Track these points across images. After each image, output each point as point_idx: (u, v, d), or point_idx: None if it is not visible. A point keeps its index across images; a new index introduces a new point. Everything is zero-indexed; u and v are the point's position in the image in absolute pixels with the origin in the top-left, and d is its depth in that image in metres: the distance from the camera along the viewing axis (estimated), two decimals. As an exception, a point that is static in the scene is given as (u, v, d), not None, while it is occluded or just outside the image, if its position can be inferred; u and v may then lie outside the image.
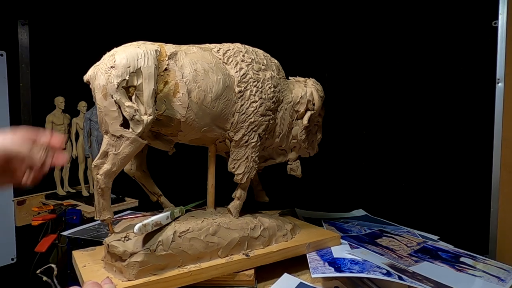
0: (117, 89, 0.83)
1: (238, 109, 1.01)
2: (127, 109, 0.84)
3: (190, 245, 0.91)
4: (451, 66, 1.44)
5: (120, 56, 0.85)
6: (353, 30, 1.67)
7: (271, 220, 1.09)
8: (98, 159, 0.86)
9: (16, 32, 1.97)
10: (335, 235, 1.15)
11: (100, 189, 0.86)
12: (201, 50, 0.99)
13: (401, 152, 1.58)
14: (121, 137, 0.85)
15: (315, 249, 1.09)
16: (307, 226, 1.23)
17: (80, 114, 1.95)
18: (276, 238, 1.07)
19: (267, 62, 1.08)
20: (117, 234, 0.89)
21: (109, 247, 0.86)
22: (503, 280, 0.98)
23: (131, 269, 0.83)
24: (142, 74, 0.85)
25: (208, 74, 0.95)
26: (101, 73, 0.84)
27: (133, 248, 0.84)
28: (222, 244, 0.96)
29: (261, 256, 1.00)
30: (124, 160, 0.87)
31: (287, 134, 1.14)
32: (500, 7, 1.28)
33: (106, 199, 0.88)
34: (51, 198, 1.91)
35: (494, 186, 1.30)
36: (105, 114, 0.85)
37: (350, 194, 1.72)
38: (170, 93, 0.90)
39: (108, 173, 0.86)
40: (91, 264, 0.91)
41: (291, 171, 1.21)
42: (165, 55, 0.91)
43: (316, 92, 1.15)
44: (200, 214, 1.04)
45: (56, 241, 1.66)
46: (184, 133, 0.97)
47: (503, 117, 1.28)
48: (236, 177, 1.06)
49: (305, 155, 1.24)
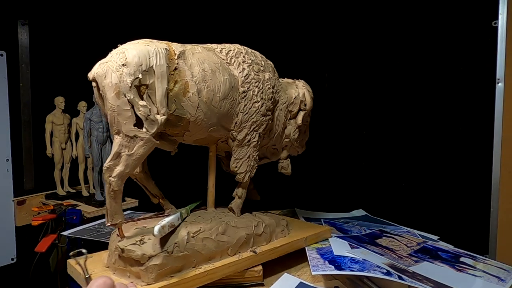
0: (131, 88, 0.81)
1: (241, 109, 1.02)
2: (141, 108, 0.81)
3: (203, 245, 0.91)
4: (451, 66, 1.44)
5: (132, 54, 0.82)
6: (353, 30, 1.67)
7: (269, 217, 1.11)
8: (110, 161, 0.83)
9: (16, 32, 1.97)
10: (327, 228, 1.20)
11: (112, 192, 0.83)
12: (206, 50, 0.99)
13: (401, 152, 1.58)
14: (135, 137, 0.82)
15: (312, 242, 1.14)
16: (299, 222, 1.28)
17: (80, 114, 1.95)
18: (276, 234, 1.09)
19: (264, 64, 1.11)
20: (130, 238, 0.86)
21: (125, 252, 0.83)
22: (503, 280, 0.98)
23: (150, 272, 0.81)
24: (155, 73, 0.84)
25: (215, 74, 0.95)
26: (112, 71, 0.81)
27: (152, 251, 0.82)
28: (231, 243, 0.97)
29: (266, 252, 1.02)
30: (137, 161, 0.84)
31: (281, 133, 1.18)
32: (500, 7, 1.28)
33: (118, 202, 0.85)
34: (51, 198, 1.91)
35: (494, 186, 1.30)
36: (118, 114, 0.81)
37: (350, 194, 1.72)
38: (180, 92, 0.89)
39: (122, 175, 0.83)
40: (97, 272, 0.88)
41: (282, 169, 1.24)
42: (174, 54, 0.89)
43: (308, 93, 1.21)
44: (204, 214, 1.05)
45: (56, 241, 1.66)
46: (191, 133, 0.96)
47: (503, 117, 1.28)
48: (238, 176, 1.08)
49: (295, 153, 1.27)
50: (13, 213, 1.94)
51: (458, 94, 1.43)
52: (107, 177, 0.83)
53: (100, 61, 0.85)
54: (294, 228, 1.17)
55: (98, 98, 0.87)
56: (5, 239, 1.93)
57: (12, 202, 1.94)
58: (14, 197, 1.95)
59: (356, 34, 1.66)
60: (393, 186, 1.60)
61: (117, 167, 0.82)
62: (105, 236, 1.30)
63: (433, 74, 1.49)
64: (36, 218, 1.66)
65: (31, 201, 1.96)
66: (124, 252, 0.83)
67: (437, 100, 1.48)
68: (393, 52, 1.58)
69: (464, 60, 1.41)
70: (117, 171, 0.82)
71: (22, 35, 2.00)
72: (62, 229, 1.65)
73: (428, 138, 1.51)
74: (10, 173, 1.95)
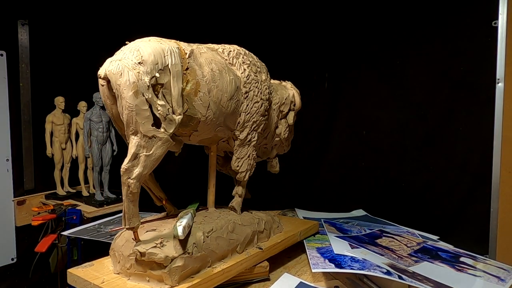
0: (149, 87, 0.79)
1: (244, 109, 1.03)
2: (160, 108, 0.80)
3: (216, 244, 0.92)
4: (451, 66, 1.44)
5: (147, 52, 0.81)
6: (353, 30, 1.67)
7: (264, 214, 1.15)
8: (128, 163, 0.80)
9: (16, 32, 1.96)
10: (315, 223, 1.28)
11: (131, 194, 0.81)
12: (210, 50, 1.00)
13: (401, 152, 1.58)
14: (154, 137, 0.80)
15: (304, 236, 1.21)
16: (286, 219, 1.33)
17: (80, 114, 1.95)
18: (273, 230, 1.12)
19: (260, 65, 1.13)
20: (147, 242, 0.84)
21: (146, 255, 0.81)
22: (503, 280, 0.98)
23: (174, 274, 0.80)
24: (170, 72, 0.82)
25: (222, 74, 0.96)
26: (128, 69, 0.78)
27: (174, 253, 0.81)
28: (239, 240, 0.98)
29: (270, 248, 1.05)
30: (155, 161, 0.82)
31: (273, 133, 1.21)
32: (500, 7, 1.28)
33: (136, 205, 0.83)
34: (51, 198, 1.91)
35: (494, 186, 1.30)
36: (136, 114, 0.79)
37: (350, 194, 1.72)
38: (192, 92, 0.88)
39: (140, 176, 0.81)
40: (109, 279, 0.84)
41: (271, 168, 1.28)
42: (184, 53, 0.88)
43: (297, 94, 1.26)
44: (209, 214, 1.05)
45: (56, 241, 1.66)
46: (199, 133, 0.95)
47: (503, 117, 1.28)
48: (239, 175, 1.09)
49: (282, 152, 1.30)
50: (13, 213, 1.94)
51: (458, 94, 1.43)
52: (126, 179, 0.80)
53: (110, 58, 0.82)
54: (285, 224, 1.21)
55: (106, 97, 0.84)
56: (5, 239, 1.93)
57: (12, 202, 1.94)
58: (14, 197, 1.95)
59: (356, 34, 1.66)
60: (393, 186, 1.60)
61: (135, 169, 0.80)
62: (105, 236, 1.30)
63: (433, 74, 1.49)
64: (36, 218, 1.66)
65: (31, 201, 1.96)
66: (145, 256, 0.81)
67: (437, 100, 1.48)
68: (393, 52, 1.57)
69: (464, 60, 1.41)
70: (136, 173, 0.80)
71: (22, 35, 2.00)
72: (62, 229, 1.65)
73: (428, 138, 1.51)
74: (10, 173, 1.95)
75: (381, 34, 1.60)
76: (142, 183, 1.02)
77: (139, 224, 0.84)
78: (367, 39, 1.64)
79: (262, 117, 1.08)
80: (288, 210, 1.55)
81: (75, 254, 1.66)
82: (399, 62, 1.57)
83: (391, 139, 1.60)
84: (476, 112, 1.38)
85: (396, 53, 1.57)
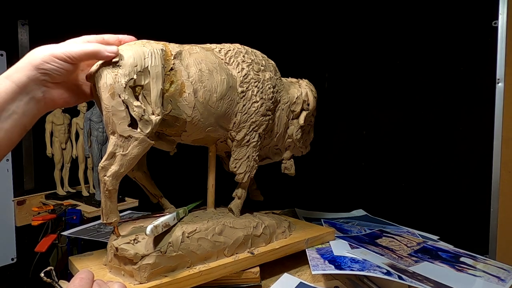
0: (125, 89, 0.81)
1: (240, 109, 1.01)
2: (135, 109, 0.82)
3: (198, 245, 0.91)
4: (451, 66, 1.44)
5: (127, 55, 0.83)
6: (353, 30, 1.67)
7: (270, 218, 1.10)
8: (105, 161, 0.83)
9: (16, 32, 1.96)
10: (330, 230, 1.17)
11: (107, 191, 0.84)
12: (204, 50, 0.99)
13: (401, 152, 1.58)
14: (130, 137, 0.83)
15: (313, 244, 1.12)
16: (302, 223, 1.25)
17: (80, 114, 1.95)
18: (276, 235, 1.08)
19: (265, 63, 1.10)
20: (125, 237, 0.87)
21: (119, 251, 0.84)
22: (503, 280, 0.98)
23: (143, 271, 0.81)
24: (150, 74, 0.84)
25: (212, 74, 0.95)
26: (107, 71, 0.82)
27: (144, 251, 0.83)
28: (228, 243, 0.96)
29: (264, 254, 1.01)
30: (132, 161, 0.84)
31: (283, 133, 1.17)
32: (500, 7, 1.28)
33: (113, 202, 0.85)
34: (51, 198, 1.91)
35: (494, 186, 1.30)
36: (113, 114, 0.82)
37: (350, 194, 1.72)
38: (176, 93, 0.89)
39: (116, 175, 0.83)
40: (94, 270, 0.88)
41: (285, 170, 1.23)
42: (170, 55, 0.90)
43: (311, 93, 1.19)
44: (202, 214, 1.04)
45: (56, 241, 1.66)
46: (188, 133, 0.96)
47: (503, 117, 1.29)
48: (238, 177, 1.07)
49: (298, 153, 1.26)
50: (13, 213, 1.94)
51: (458, 94, 1.43)
52: (102, 176, 0.83)
53: (98, 61, 0.86)
54: (296, 230, 1.15)
55: (96, 97, 0.87)
56: (5, 239, 1.93)
57: (12, 202, 1.94)
58: (14, 197, 1.95)
59: (356, 34, 1.66)
60: (393, 186, 1.60)
61: (111, 167, 0.83)
62: (105, 236, 1.30)
63: (433, 74, 1.49)
64: (36, 218, 1.66)
65: (31, 201, 1.96)
66: (118, 251, 0.84)
67: (437, 100, 1.48)
68: (393, 52, 1.58)
69: (464, 60, 1.41)
70: (111, 171, 0.83)
71: (22, 35, 2.00)
72: (62, 229, 1.65)
73: (428, 138, 1.51)
74: (10, 173, 1.95)
75: (381, 34, 1.60)
76: (138, 181, 1.04)
77: (117, 220, 0.86)
78: (367, 39, 1.64)
79: (263, 117, 1.05)
80: (288, 210, 1.55)
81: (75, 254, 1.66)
82: (399, 62, 1.57)
83: (391, 139, 1.60)
84: (476, 112, 1.38)
85: (396, 53, 1.57)
